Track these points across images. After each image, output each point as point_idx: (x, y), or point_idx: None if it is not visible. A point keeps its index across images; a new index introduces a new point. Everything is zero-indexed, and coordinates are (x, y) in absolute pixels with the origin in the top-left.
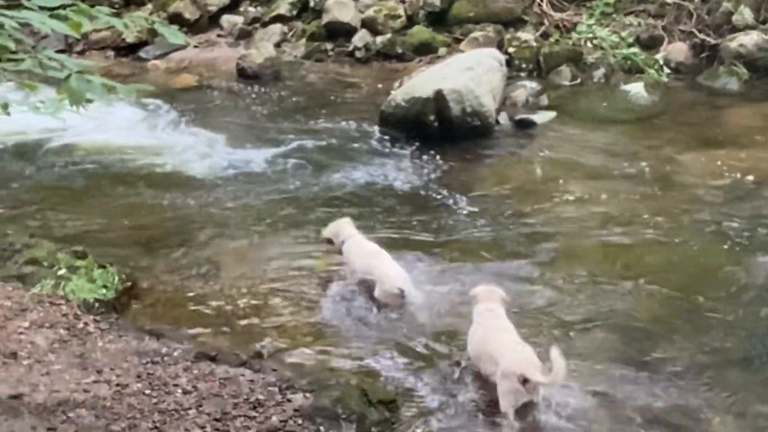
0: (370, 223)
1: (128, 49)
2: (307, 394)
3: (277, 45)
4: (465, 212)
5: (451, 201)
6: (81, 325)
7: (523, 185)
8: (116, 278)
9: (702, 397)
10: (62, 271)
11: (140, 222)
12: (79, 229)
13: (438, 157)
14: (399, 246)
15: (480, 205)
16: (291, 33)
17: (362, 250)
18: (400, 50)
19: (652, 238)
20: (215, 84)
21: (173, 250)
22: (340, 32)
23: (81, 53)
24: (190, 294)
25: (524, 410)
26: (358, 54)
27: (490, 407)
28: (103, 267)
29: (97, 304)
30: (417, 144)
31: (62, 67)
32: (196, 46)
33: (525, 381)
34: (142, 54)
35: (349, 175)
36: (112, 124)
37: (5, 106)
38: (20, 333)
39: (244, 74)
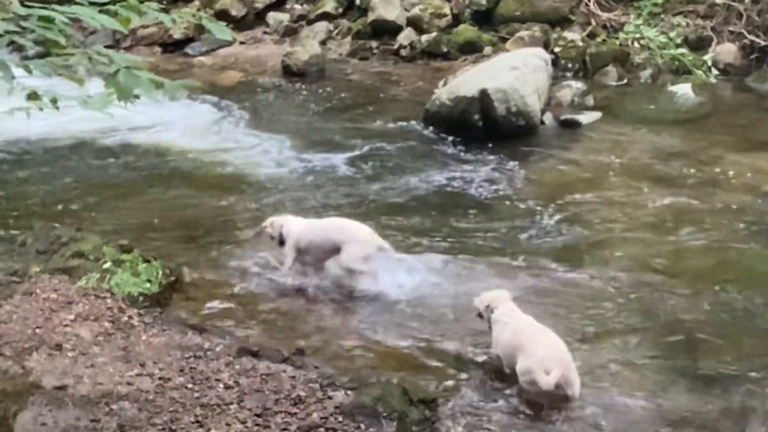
0: (422, 226)
1: (175, 45)
2: (348, 392)
3: (323, 43)
4: (509, 214)
5: (494, 202)
6: (125, 319)
7: (568, 186)
8: (160, 272)
9: (752, 404)
10: (107, 265)
11: (188, 218)
12: (126, 224)
13: (483, 156)
14: (453, 251)
15: (524, 207)
16: (336, 31)
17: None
18: (445, 49)
19: (701, 242)
20: (261, 81)
21: (219, 247)
22: (385, 30)
23: (128, 48)
24: (234, 290)
25: (562, 408)
26: (403, 52)
27: (530, 406)
28: (148, 261)
29: (141, 298)
30: (461, 143)
31: (110, 63)
32: (242, 43)
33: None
34: (188, 50)
35: (394, 176)
36: (163, 122)
37: (54, 101)
38: (66, 325)
39: (289, 71)
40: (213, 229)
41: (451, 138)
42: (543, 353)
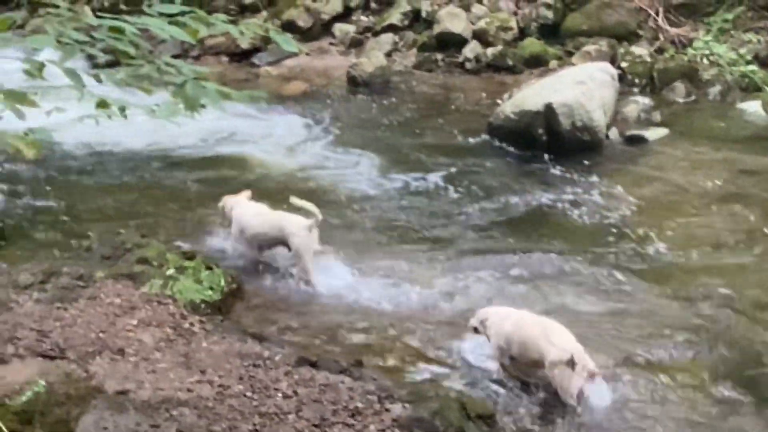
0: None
1: (242, 55)
2: (406, 405)
3: (388, 54)
4: (582, 233)
5: (557, 217)
6: (186, 325)
7: (632, 202)
8: (222, 280)
9: None
10: (171, 271)
11: None
12: (191, 232)
13: (546, 171)
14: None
15: (589, 222)
16: (402, 43)
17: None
18: (510, 62)
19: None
20: (326, 92)
21: (282, 258)
22: (450, 43)
23: (197, 58)
24: (294, 299)
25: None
26: (468, 65)
27: (588, 424)
28: (211, 268)
29: (202, 305)
30: (525, 158)
31: (178, 73)
32: (308, 54)
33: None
34: (255, 60)
35: (463, 192)
36: (233, 133)
37: (122, 109)
38: (128, 330)
39: (354, 82)
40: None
41: (515, 152)
42: (565, 339)
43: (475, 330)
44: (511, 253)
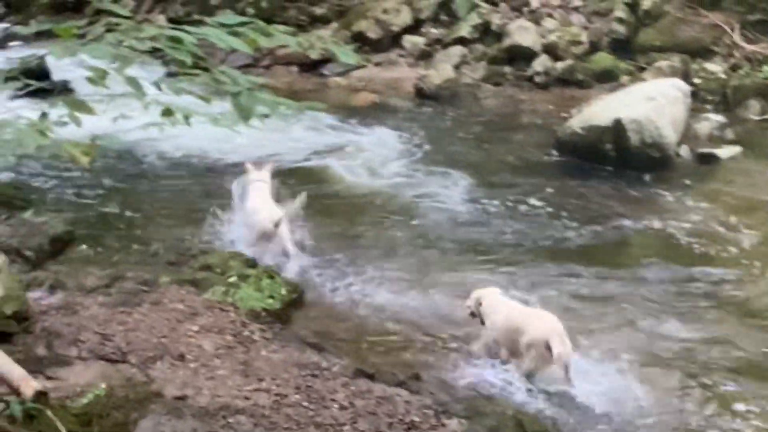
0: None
1: (311, 66)
2: (462, 421)
3: (457, 67)
4: (643, 247)
5: (625, 235)
6: (246, 333)
7: (701, 222)
8: (283, 289)
9: None
10: (233, 279)
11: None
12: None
13: (614, 188)
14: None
15: (657, 240)
16: (471, 55)
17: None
18: (580, 77)
19: None
20: (393, 103)
21: (343, 267)
22: (520, 56)
23: (267, 67)
24: (354, 311)
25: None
26: (537, 79)
27: None
28: (272, 277)
29: (263, 313)
30: (592, 173)
31: (234, 83)
32: (377, 65)
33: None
34: (324, 71)
35: (526, 204)
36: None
37: (187, 117)
38: (190, 336)
39: (422, 94)
40: (336, 249)
41: (582, 167)
42: (546, 326)
43: (472, 314)
44: (580, 272)
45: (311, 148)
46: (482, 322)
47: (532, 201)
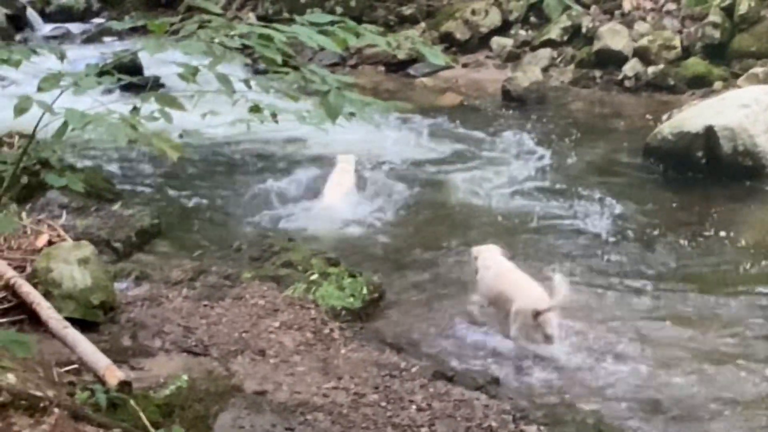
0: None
1: (398, 66)
2: (542, 427)
3: (545, 69)
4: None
5: (711, 248)
6: (326, 331)
7: None
8: (365, 288)
9: None
10: (314, 276)
11: (398, 237)
12: (338, 238)
13: (704, 196)
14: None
15: (743, 255)
16: (560, 58)
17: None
18: (672, 82)
19: None
20: (479, 104)
21: (427, 268)
22: (610, 60)
23: (354, 66)
24: (436, 313)
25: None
26: (627, 83)
27: None
28: (354, 276)
29: (343, 312)
30: (682, 180)
31: (323, 82)
32: (464, 66)
33: (537, 314)
34: (410, 71)
35: (615, 212)
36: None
37: (274, 114)
38: (270, 332)
39: (508, 97)
40: (422, 249)
41: (672, 175)
42: (536, 293)
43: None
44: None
45: (384, 147)
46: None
47: (619, 209)
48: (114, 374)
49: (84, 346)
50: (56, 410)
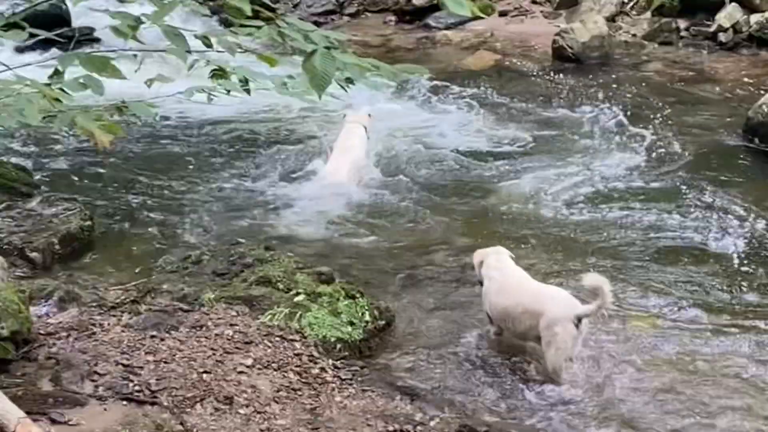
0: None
1: (414, 14)
2: None
3: (611, 19)
4: None
5: None
6: (316, 371)
7: None
8: (367, 314)
9: None
10: (300, 297)
11: (415, 237)
12: (332, 246)
13: None
14: None
15: None
16: (631, 3)
17: None
18: None
19: None
20: (522, 67)
21: (451, 283)
22: (698, 6)
23: (354, 15)
24: (459, 346)
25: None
26: (722, 37)
27: None
28: (353, 297)
29: (339, 345)
30: None
31: (306, 40)
32: (502, 14)
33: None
34: (430, 21)
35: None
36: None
37: (245, 81)
38: (240, 372)
39: (562, 56)
40: (443, 265)
41: None
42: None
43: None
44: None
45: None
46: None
47: (706, 199)
48: (29, 431)
49: None
50: None
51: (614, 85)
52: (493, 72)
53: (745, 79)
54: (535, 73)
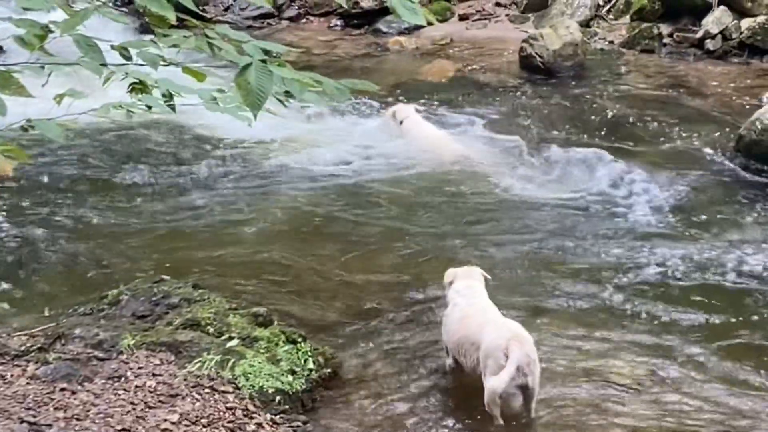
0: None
1: (363, 18)
2: None
3: (585, 24)
4: None
5: None
6: (252, 427)
7: None
8: (310, 361)
9: None
10: (233, 343)
11: (363, 281)
12: (270, 281)
13: None
14: None
15: None
16: (608, 6)
17: None
18: None
19: None
20: (485, 78)
21: (403, 326)
22: (683, 9)
23: (294, 19)
24: (416, 396)
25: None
26: (709, 44)
27: None
28: (294, 342)
29: (278, 397)
30: None
31: (240, 50)
32: (463, 18)
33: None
34: (381, 26)
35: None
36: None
37: (168, 96)
38: (164, 430)
39: (530, 66)
40: (396, 302)
41: None
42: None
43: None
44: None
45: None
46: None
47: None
48: None
49: None
50: None
51: (588, 100)
52: (452, 84)
53: (736, 92)
54: (498, 86)
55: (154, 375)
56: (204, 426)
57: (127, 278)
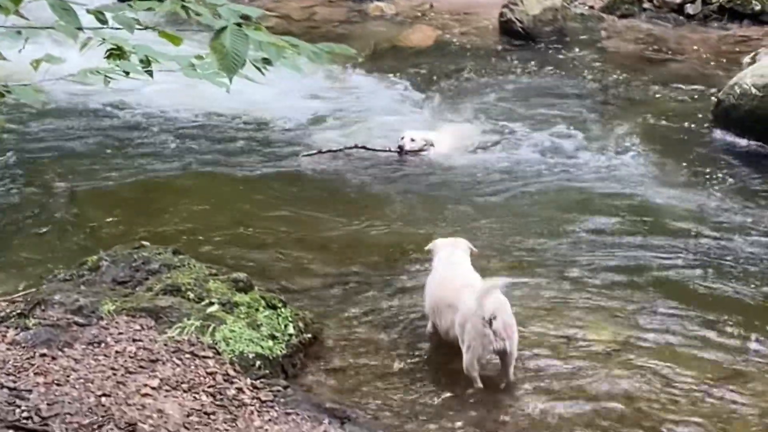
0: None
1: None
2: None
3: None
4: None
5: None
6: (232, 392)
7: None
8: (291, 326)
9: None
10: (213, 308)
11: (344, 244)
12: (248, 249)
13: None
14: None
15: None
16: None
17: None
18: (757, 6)
19: None
20: (465, 43)
21: (384, 291)
22: None
23: None
24: (399, 361)
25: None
26: (689, 9)
27: None
28: (274, 307)
29: (258, 362)
30: None
31: (214, 14)
32: None
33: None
34: None
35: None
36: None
37: (146, 62)
38: (145, 395)
39: (510, 31)
40: (377, 267)
41: (757, 148)
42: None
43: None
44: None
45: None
46: None
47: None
48: None
49: None
50: None
51: (568, 66)
52: (432, 50)
53: (715, 57)
54: (479, 51)
55: (134, 340)
56: (184, 391)
57: (107, 244)
